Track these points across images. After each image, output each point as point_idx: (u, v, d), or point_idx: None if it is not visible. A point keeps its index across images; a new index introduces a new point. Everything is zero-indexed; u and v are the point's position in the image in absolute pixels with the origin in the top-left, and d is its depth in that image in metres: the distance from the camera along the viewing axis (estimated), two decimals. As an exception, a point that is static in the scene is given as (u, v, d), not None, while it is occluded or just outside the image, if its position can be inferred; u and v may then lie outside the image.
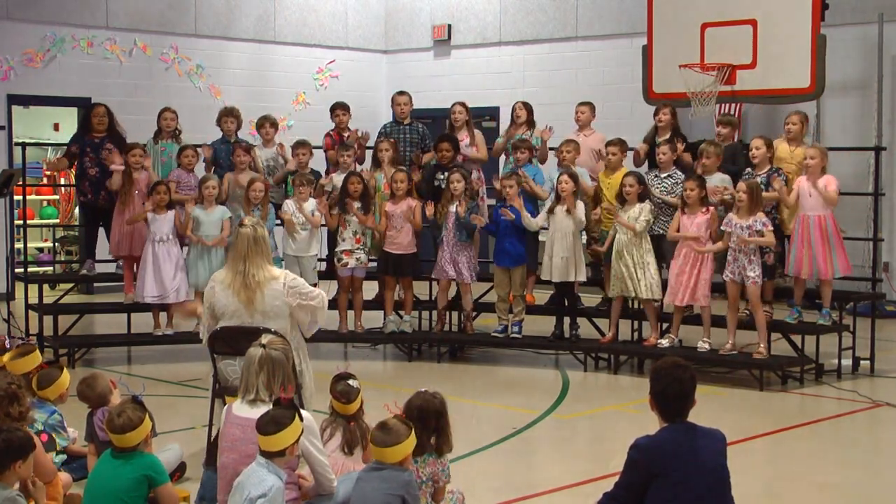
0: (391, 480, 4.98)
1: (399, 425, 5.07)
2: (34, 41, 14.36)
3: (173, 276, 10.06)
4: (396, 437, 5.01)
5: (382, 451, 5.01)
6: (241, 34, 16.18)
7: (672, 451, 4.56)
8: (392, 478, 4.99)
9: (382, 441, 5.01)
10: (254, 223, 6.36)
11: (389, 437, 5.01)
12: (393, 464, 5.02)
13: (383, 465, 5.02)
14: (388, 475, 5.00)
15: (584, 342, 10.30)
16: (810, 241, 9.35)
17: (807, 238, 9.36)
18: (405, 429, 5.06)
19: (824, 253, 9.34)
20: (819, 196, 9.27)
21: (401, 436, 5.02)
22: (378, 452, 5.03)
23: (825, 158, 9.44)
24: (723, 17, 11.31)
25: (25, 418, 5.74)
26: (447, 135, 10.85)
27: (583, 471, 6.78)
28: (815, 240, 9.32)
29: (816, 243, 9.33)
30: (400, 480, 4.99)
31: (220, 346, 6.34)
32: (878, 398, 8.88)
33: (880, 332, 10.37)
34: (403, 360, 10.63)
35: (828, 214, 9.34)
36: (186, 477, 6.35)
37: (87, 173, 10.72)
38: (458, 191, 10.11)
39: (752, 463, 7.01)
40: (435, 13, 17.17)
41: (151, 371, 9.80)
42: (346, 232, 10.33)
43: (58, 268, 15.06)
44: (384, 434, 5.03)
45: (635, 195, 9.63)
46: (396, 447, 5.00)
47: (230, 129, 11.04)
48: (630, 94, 13.45)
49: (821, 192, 9.21)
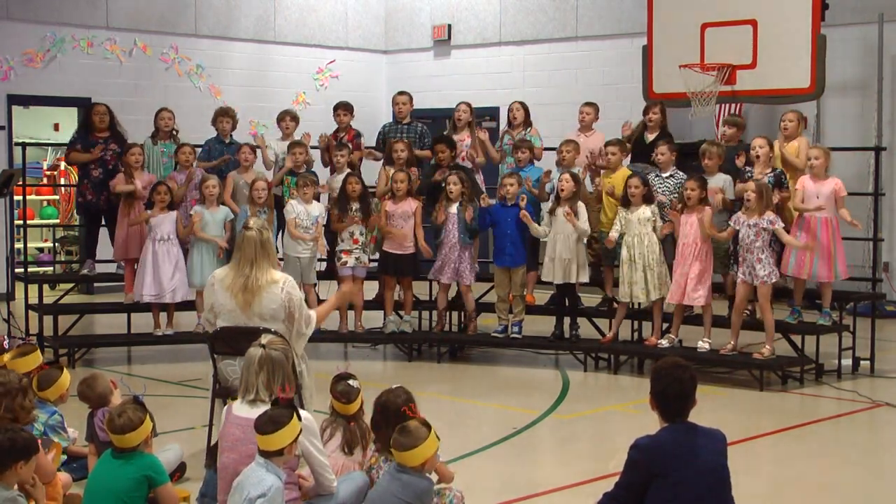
0: (408, 487, 4.98)
1: (419, 428, 5.05)
2: (34, 41, 14.36)
3: (171, 275, 10.05)
4: (415, 439, 5.01)
5: (402, 455, 5.01)
6: (241, 34, 16.19)
7: (672, 451, 4.56)
8: (410, 484, 4.98)
9: (401, 444, 5.01)
10: (259, 226, 6.35)
11: (408, 439, 5.01)
12: (414, 467, 5.01)
13: (405, 468, 5.02)
14: (407, 481, 5.00)
15: (584, 342, 10.30)
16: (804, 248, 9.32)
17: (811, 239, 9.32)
18: (424, 431, 5.05)
19: (829, 256, 9.32)
20: (826, 198, 9.24)
21: (419, 438, 5.01)
22: (398, 456, 5.03)
23: (829, 158, 9.43)
24: (723, 17, 11.32)
25: (31, 413, 5.76)
26: (443, 136, 10.86)
27: (583, 471, 6.77)
28: (820, 242, 9.29)
29: (822, 245, 9.30)
30: (416, 489, 4.99)
31: (220, 346, 6.34)
32: (878, 398, 8.87)
33: (880, 332, 10.37)
34: (403, 360, 10.63)
35: (833, 217, 9.32)
36: (186, 477, 6.35)
37: (89, 174, 10.72)
38: (455, 193, 10.10)
39: (753, 463, 7.01)
40: (435, 13, 17.17)
41: (151, 371, 9.79)
42: (345, 232, 10.33)
43: (58, 268, 15.07)
44: (403, 437, 5.02)
45: (640, 197, 9.61)
46: (416, 450, 5.00)
47: (225, 128, 11.06)
48: (630, 94, 13.45)
49: (844, 218, 9.20)
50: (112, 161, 10.66)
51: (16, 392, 5.61)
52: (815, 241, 9.24)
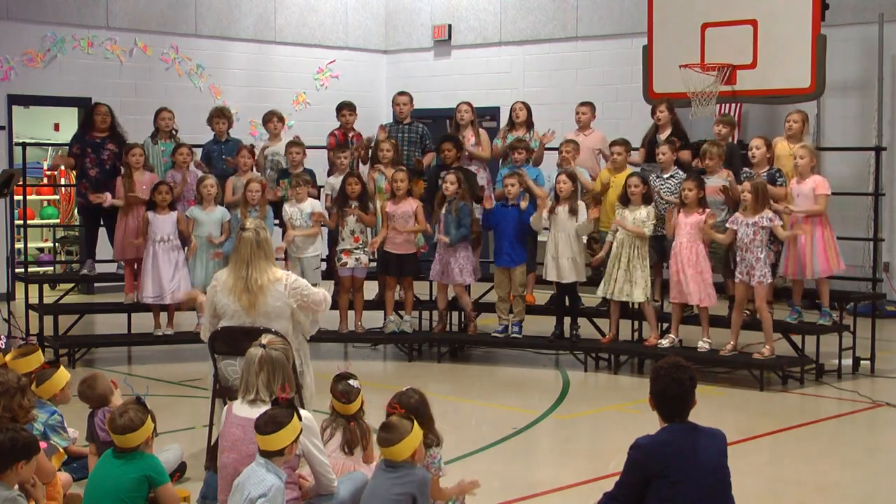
0: (405, 478, 4.98)
1: (401, 421, 5.07)
2: (34, 41, 14.36)
3: (171, 276, 10.05)
4: (399, 433, 5.01)
5: (390, 451, 5.01)
6: (241, 34, 16.18)
7: (672, 451, 4.57)
8: (407, 476, 4.99)
9: (387, 440, 5.01)
10: (256, 226, 6.38)
11: (393, 434, 5.01)
12: (404, 461, 5.02)
13: (395, 463, 5.02)
14: (403, 474, 5.00)
15: (585, 342, 10.30)
16: (802, 241, 9.34)
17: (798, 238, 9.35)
18: (407, 423, 5.06)
19: (808, 253, 9.33)
20: (806, 197, 9.28)
21: (404, 432, 5.02)
22: (386, 452, 5.03)
23: (814, 158, 9.44)
24: (723, 17, 11.32)
25: (30, 413, 5.77)
26: (450, 135, 10.86)
27: (583, 471, 6.78)
28: (807, 239, 9.31)
29: (802, 243, 9.32)
30: (415, 479, 5.00)
31: (221, 346, 6.35)
32: (879, 398, 8.88)
33: (880, 332, 10.37)
34: (404, 360, 10.64)
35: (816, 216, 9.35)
36: (186, 477, 6.35)
37: (87, 174, 10.72)
38: (449, 191, 10.08)
39: (753, 463, 7.00)
40: (435, 13, 17.17)
41: (151, 371, 9.80)
42: (345, 231, 10.33)
43: (58, 268, 15.08)
44: (387, 433, 5.03)
45: (640, 196, 9.62)
46: (402, 444, 5.00)
47: (221, 129, 11.06)
48: (630, 94, 13.45)
49: (778, 233, 9.19)
50: (109, 161, 10.66)
51: (14, 391, 5.62)
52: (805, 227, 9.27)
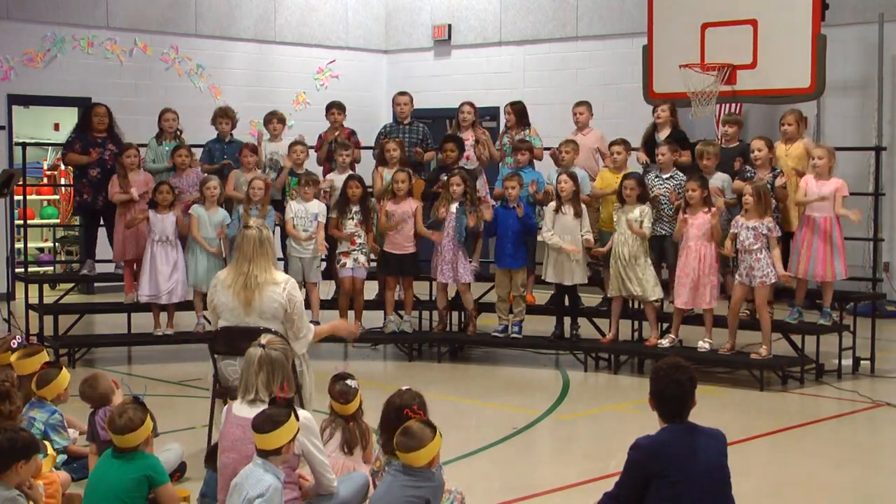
0: (421, 483, 4.98)
1: (422, 429, 5.04)
2: (34, 41, 14.36)
3: (169, 276, 10.04)
4: (420, 441, 5.00)
5: (408, 457, 5.00)
6: (241, 34, 16.18)
7: (672, 452, 4.57)
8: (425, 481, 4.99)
9: (407, 446, 5.00)
10: (259, 225, 6.40)
11: (414, 441, 5.00)
12: (421, 467, 5.01)
13: (412, 468, 5.02)
14: (420, 479, 4.99)
15: (585, 342, 10.30)
16: (812, 243, 9.34)
17: (808, 239, 9.34)
18: (429, 431, 5.05)
19: (825, 255, 9.33)
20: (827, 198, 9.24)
21: (425, 439, 5.01)
22: (404, 458, 5.02)
23: (833, 158, 9.42)
24: (723, 17, 11.29)
25: (15, 418, 5.75)
26: (452, 135, 10.86)
27: (583, 471, 6.78)
28: (817, 242, 9.31)
29: (819, 245, 9.31)
30: (430, 484, 5.00)
31: (220, 346, 6.35)
32: (879, 398, 8.88)
33: (880, 332, 10.36)
34: (403, 360, 10.63)
35: (832, 217, 9.32)
36: (186, 477, 6.35)
37: (86, 173, 10.71)
38: (458, 193, 10.10)
39: (753, 463, 7.01)
40: (435, 13, 17.17)
41: (151, 371, 9.80)
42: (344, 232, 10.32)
43: (58, 268, 15.08)
44: (408, 439, 5.01)
45: (635, 197, 9.65)
46: (422, 451, 4.99)
47: (224, 129, 11.06)
48: (630, 94, 13.44)
49: (840, 213, 9.22)
50: (110, 161, 10.66)
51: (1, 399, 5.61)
52: (820, 238, 9.26)
